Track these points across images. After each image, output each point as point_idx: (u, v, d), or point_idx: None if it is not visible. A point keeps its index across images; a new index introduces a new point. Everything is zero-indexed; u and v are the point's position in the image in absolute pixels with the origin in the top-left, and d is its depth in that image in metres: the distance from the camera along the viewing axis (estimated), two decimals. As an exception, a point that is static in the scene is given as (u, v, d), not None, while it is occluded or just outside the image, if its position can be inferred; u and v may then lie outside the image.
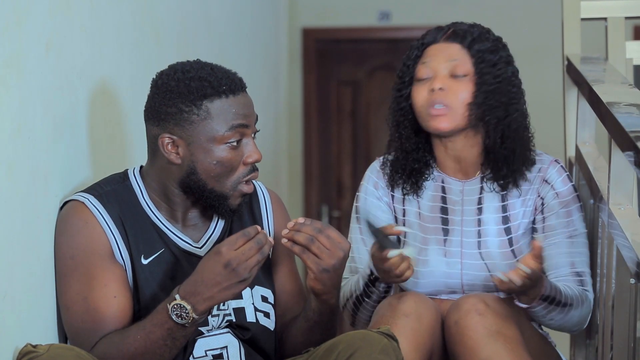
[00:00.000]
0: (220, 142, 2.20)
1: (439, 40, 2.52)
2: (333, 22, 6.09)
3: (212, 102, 2.19)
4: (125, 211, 2.23)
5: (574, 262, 2.50)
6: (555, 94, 4.10)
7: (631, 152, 2.11)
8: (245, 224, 2.33)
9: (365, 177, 2.63)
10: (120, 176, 2.30)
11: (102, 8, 2.56)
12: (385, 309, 2.35)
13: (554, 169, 2.54)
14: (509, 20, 5.60)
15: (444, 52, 2.50)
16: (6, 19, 2.02)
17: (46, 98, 2.21)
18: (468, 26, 2.54)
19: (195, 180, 2.22)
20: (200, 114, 2.19)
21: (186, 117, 2.19)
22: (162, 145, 2.21)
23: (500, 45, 2.54)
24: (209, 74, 2.21)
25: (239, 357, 2.23)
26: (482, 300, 2.31)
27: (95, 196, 2.22)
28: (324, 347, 2.09)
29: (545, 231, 2.52)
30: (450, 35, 2.52)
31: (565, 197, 2.53)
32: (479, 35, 2.51)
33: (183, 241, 2.26)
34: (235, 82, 2.23)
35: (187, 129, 2.19)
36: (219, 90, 2.20)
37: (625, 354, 2.33)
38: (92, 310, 2.15)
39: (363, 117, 6.12)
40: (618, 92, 2.67)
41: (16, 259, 2.06)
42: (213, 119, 2.19)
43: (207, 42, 3.81)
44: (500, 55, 2.52)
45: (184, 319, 2.06)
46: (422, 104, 2.49)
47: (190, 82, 2.20)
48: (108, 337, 2.13)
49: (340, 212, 6.07)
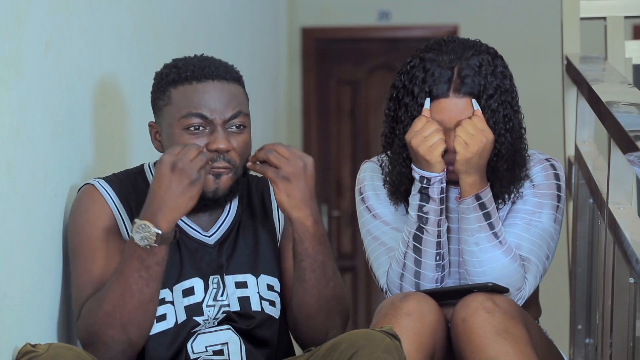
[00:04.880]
0: (179, 127, 2.21)
1: (448, 95, 2.38)
2: (332, 21, 6.10)
3: (176, 88, 2.22)
4: (135, 196, 2.26)
5: (520, 244, 2.41)
6: (555, 94, 4.11)
7: (631, 152, 2.11)
8: (256, 214, 2.34)
9: (363, 175, 2.58)
10: (136, 169, 2.34)
11: (101, 8, 2.56)
12: (387, 308, 2.35)
13: (540, 165, 2.50)
14: (509, 20, 5.60)
15: (454, 109, 2.38)
16: (6, 19, 2.02)
17: (45, 97, 2.21)
18: (473, 70, 2.38)
19: None
20: (164, 99, 2.24)
21: (157, 103, 2.26)
22: (151, 133, 2.30)
23: (504, 76, 2.42)
24: (187, 62, 2.25)
25: (239, 354, 2.23)
26: (490, 299, 2.30)
27: (106, 180, 2.27)
28: (325, 346, 2.09)
29: (509, 213, 2.47)
30: (459, 86, 2.38)
31: (542, 189, 2.46)
32: (484, 78, 2.38)
33: (192, 229, 2.28)
34: (207, 70, 2.22)
35: (158, 115, 2.26)
36: (183, 76, 2.22)
37: (624, 353, 2.33)
38: (94, 280, 2.17)
39: (362, 116, 6.13)
40: (617, 92, 2.67)
41: (15, 258, 2.06)
42: (172, 104, 2.22)
43: (206, 41, 3.81)
44: (503, 89, 2.40)
45: (149, 239, 2.07)
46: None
47: (164, 70, 2.26)
48: (90, 298, 2.15)
49: (339, 211, 6.07)
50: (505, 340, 2.25)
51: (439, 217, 2.39)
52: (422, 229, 2.40)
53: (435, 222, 2.39)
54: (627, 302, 2.30)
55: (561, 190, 2.48)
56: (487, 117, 2.37)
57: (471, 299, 2.32)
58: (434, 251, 2.40)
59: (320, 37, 6.14)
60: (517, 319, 2.30)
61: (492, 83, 2.39)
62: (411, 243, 2.41)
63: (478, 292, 2.33)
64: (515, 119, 2.44)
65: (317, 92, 6.14)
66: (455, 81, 2.38)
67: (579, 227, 3.03)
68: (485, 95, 2.38)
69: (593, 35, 3.60)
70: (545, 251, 2.44)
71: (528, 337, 2.29)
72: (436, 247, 2.40)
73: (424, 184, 2.38)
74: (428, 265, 2.41)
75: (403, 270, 2.43)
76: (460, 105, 2.38)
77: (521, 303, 2.42)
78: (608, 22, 3.40)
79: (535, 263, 2.43)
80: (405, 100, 2.44)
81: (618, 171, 2.45)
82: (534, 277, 2.42)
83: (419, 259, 2.41)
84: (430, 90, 2.38)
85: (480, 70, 2.38)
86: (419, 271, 2.41)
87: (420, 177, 2.38)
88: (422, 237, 2.40)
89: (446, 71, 2.38)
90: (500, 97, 2.40)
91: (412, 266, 2.41)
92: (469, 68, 2.38)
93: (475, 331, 2.27)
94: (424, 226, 2.40)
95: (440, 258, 2.41)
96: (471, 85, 2.37)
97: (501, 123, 2.40)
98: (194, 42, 3.58)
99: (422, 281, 2.42)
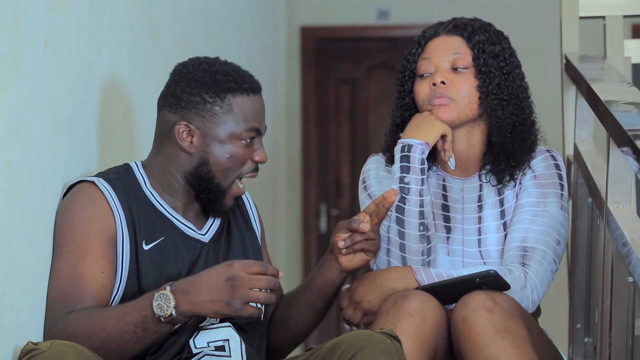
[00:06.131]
0: (237, 138, 2.26)
1: (440, 34, 2.52)
2: (331, 20, 6.09)
3: (235, 98, 2.25)
4: (131, 196, 2.26)
5: (526, 237, 2.44)
6: (554, 93, 4.10)
7: (629, 149, 2.11)
8: (238, 219, 2.41)
9: (369, 166, 2.61)
10: (122, 167, 2.33)
11: (100, 6, 2.56)
12: (389, 307, 2.35)
13: (541, 156, 2.53)
14: (508, 19, 5.59)
15: (445, 45, 2.50)
16: (4, 17, 2.02)
17: (45, 97, 2.21)
18: (469, 20, 2.55)
19: (205, 171, 2.26)
20: (223, 106, 2.25)
21: (209, 107, 2.25)
22: (178, 132, 2.25)
23: (502, 38, 2.54)
24: (232, 70, 2.28)
25: (239, 350, 2.24)
26: (491, 298, 2.30)
27: (105, 179, 2.26)
28: (326, 346, 2.10)
29: (515, 209, 2.50)
30: (451, 28, 2.52)
31: (544, 179, 2.50)
32: (479, 27, 2.52)
33: (188, 228, 2.29)
34: (255, 83, 2.30)
35: (208, 119, 2.25)
36: (243, 87, 2.26)
37: (623, 352, 2.33)
38: (77, 278, 2.16)
39: (361, 115, 6.12)
40: (616, 91, 2.68)
41: (15, 257, 2.06)
42: (234, 114, 2.25)
43: (205, 40, 3.81)
44: (503, 47, 2.51)
45: (163, 311, 2.05)
46: (424, 97, 2.49)
47: (216, 75, 2.25)
48: (86, 308, 2.13)
49: (338, 210, 6.07)
50: (505, 339, 2.25)
51: (421, 187, 2.43)
52: (404, 199, 2.43)
53: (416, 191, 2.43)
54: (626, 301, 2.30)
55: (563, 180, 2.52)
56: (477, 57, 2.48)
57: (471, 298, 2.32)
58: (417, 221, 2.42)
59: (319, 36, 6.14)
60: (517, 317, 2.30)
61: (486, 33, 2.51)
62: (394, 215, 2.43)
63: (478, 291, 2.34)
64: (514, 93, 2.49)
65: (316, 91, 6.14)
66: (448, 25, 2.54)
67: (578, 226, 3.04)
68: (478, 37, 2.49)
69: (592, 35, 3.60)
70: (555, 237, 2.46)
71: (528, 335, 2.29)
72: (419, 217, 2.43)
73: (405, 151, 2.43)
74: (412, 236, 2.43)
75: (388, 245, 2.45)
76: (450, 42, 2.50)
77: (538, 295, 2.42)
78: (607, 21, 3.40)
79: (540, 250, 2.43)
80: (408, 58, 2.55)
81: (617, 170, 2.45)
82: (538, 263, 2.43)
83: (402, 230, 2.43)
84: (424, 34, 2.54)
85: (474, 22, 2.53)
86: (404, 243, 2.43)
87: (402, 146, 2.45)
88: (405, 207, 2.43)
89: (443, 22, 2.55)
90: (493, 58, 2.49)
91: (397, 239, 2.43)
92: (465, 19, 2.54)
93: (475, 330, 2.27)
94: (405, 196, 2.43)
95: (425, 229, 2.43)
96: (462, 28, 2.51)
97: (495, 87, 2.47)
98: (192, 41, 3.58)
99: (408, 254, 2.44)
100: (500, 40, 2.53)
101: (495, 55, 2.49)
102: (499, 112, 2.47)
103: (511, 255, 2.44)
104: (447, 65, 2.49)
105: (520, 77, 2.54)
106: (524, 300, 2.39)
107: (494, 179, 2.51)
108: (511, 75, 2.50)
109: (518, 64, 2.55)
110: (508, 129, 2.48)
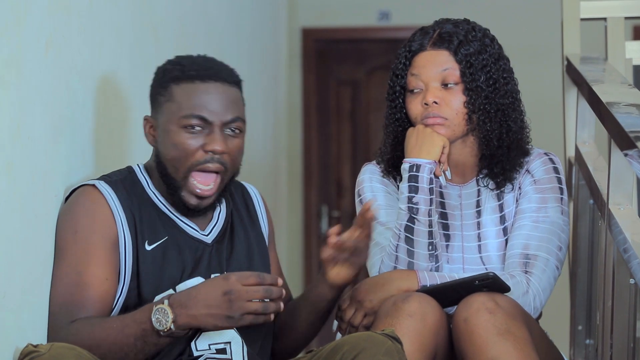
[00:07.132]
0: (179, 126, 2.22)
1: (426, 47, 2.48)
2: (332, 22, 6.09)
3: (178, 85, 2.24)
4: (133, 198, 2.26)
5: (528, 244, 2.44)
6: (555, 94, 4.10)
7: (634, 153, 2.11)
8: (243, 219, 2.38)
9: (362, 177, 2.61)
10: (125, 170, 2.33)
11: (101, 7, 2.56)
12: (389, 308, 2.35)
13: (539, 159, 2.52)
14: (509, 20, 5.60)
15: (433, 61, 2.47)
16: (5, 18, 2.02)
17: (45, 97, 2.21)
18: (453, 26, 2.50)
19: (160, 163, 2.26)
20: (165, 95, 2.25)
21: (158, 98, 2.27)
22: (144, 127, 2.30)
23: (488, 42, 2.50)
24: (191, 60, 2.27)
25: (241, 353, 2.24)
26: (492, 299, 2.30)
27: (106, 182, 2.26)
28: (328, 347, 2.10)
29: (516, 215, 2.50)
30: (437, 40, 2.48)
31: (544, 184, 2.49)
32: (464, 36, 2.48)
33: (191, 228, 2.29)
34: (210, 71, 2.24)
35: (157, 111, 2.27)
36: (187, 74, 2.23)
37: (624, 354, 2.33)
38: (82, 285, 2.16)
39: (362, 117, 6.12)
40: (618, 92, 2.68)
41: (15, 258, 2.06)
42: (175, 102, 2.23)
43: (206, 42, 3.81)
44: (489, 53, 2.48)
45: (162, 325, 2.06)
46: (417, 115, 2.48)
47: (167, 66, 2.28)
48: (88, 318, 2.14)
49: (339, 212, 6.07)
50: (507, 341, 2.25)
51: (429, 207, 2.43)
52: (413, 220, 2.43)
53: (425, 211, 2.42)
54: (628, 303, 2.30)
55: (562, 183, 2.52)
56: (465, 73, 2.44)
57: (473, 299, 2.32)
58: (426, 240, 2.42)
59: (320, 37, 6.14)
60: (518, 319, 2.30)
61: (472, 43, 2.47)
62: (402, 235, 2.43)
63: (480, 293, 2.33)
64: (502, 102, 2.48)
65: (317, 93, 6.13)
66: (434, 37, 2.49)
67: (579, 228, 3.03)
68: (464, 50, 2.46)
69: (593, 36, 3.59)
70: (556, 243, 2.46)
71: (530, 337, 2.28)
72: (428, 237, 2.42)
73: (413, 171, 2.42)
74: (421, 256, 2.42)
75: (396, 264, 2.44)
76: (437, 58, 2.47)
77: (540, 302, 2.42)
78: (608, 22, 3.39)
79: (542, 258, 2.43)
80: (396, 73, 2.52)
81: (618, 172, 2.45)
82: (541, 270, 2.42)
83: (411, 249, 2.42)
84: (410, 47, 2.50)
85: (459, 29, 2.48)
86: (413, 262, 2.43)
87: (410, 165, 2.43)
88: (414, 227, 2.42)
89: (427, 32, 2.51)
90: (481, 70, 2.47)
91: (405, 257, 2.43)
92: (449, 27, 2.49)
93: (477, 331, 2.27)
94: (414, 216, 2.43)
95: (433, 248, 2.43)
96: (449, 40, 2.47)
97: (482, 102, 2.45)
98: (193, 42, 3.58)
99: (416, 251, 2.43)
100: (486, 45, 2.49)
101: (483, 67, 2.46)
102: (488, 125, 2.47)
103: (513, 262, 2.44)
104: (437, 83, 2.46)
105: (507, 81, 2.50)
106: (526, 306, 2.39)
107: (492, 184, 2.51)
108: (498, 83, 2.48)
109: (505, 66, 2.51)
110: (495, 138, 2.47)
